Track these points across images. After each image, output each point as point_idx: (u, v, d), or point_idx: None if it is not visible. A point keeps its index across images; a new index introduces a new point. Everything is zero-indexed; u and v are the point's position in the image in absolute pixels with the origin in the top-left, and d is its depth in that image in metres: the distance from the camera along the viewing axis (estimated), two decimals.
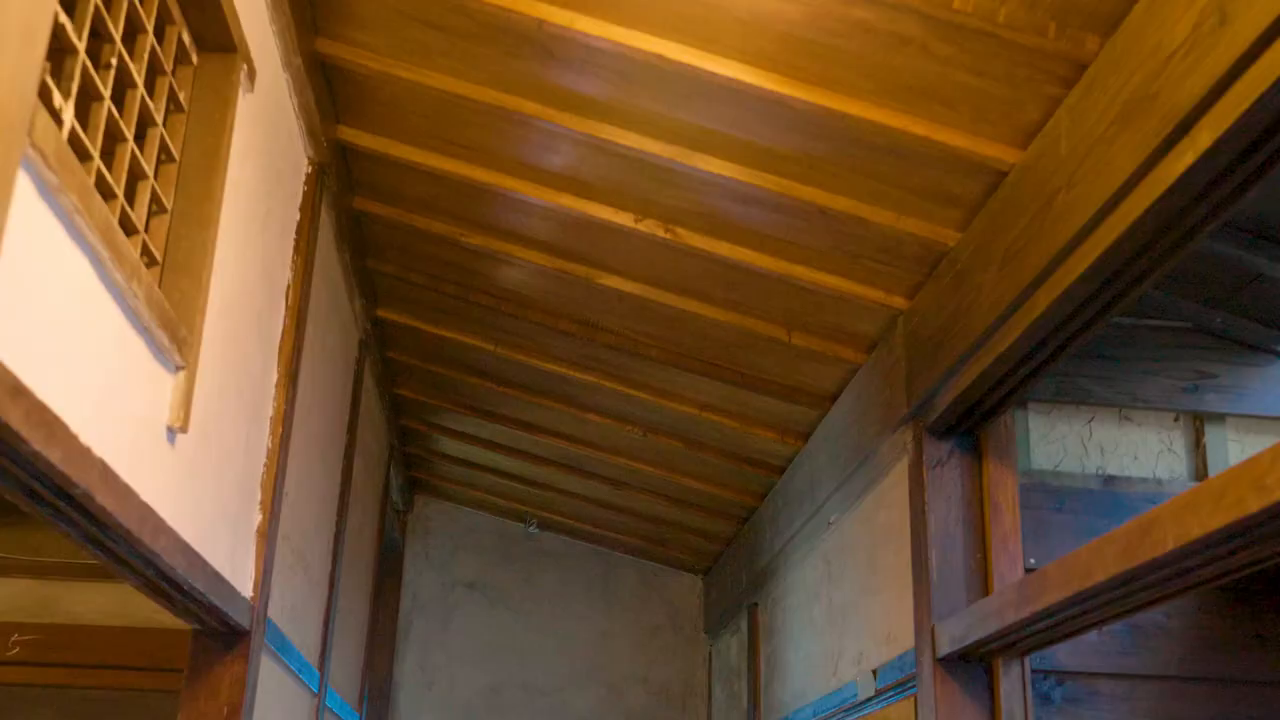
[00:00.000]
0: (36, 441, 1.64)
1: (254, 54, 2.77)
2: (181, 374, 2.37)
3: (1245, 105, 1.91)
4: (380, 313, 4.86)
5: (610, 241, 3.79)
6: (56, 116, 1.84)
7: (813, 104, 2.83)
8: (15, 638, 4.23)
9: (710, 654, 6.92)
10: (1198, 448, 3.46)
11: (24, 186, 1.61)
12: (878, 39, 2.62)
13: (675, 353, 4.38)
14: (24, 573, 4.45)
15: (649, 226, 3.60)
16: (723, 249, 3.59)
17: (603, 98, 3.13)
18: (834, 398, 4.26)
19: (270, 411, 3.27)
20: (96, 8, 2.01)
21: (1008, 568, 3.17)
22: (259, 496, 3.17)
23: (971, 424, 3.32)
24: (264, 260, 3.08)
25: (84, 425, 1.84)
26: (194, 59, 2.60)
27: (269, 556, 3.22)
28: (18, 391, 1.57)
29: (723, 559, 6.49)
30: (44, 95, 1.76)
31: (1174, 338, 3.54)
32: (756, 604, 5.68)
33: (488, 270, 4.26)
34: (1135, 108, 2.22)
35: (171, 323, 2.26)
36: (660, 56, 2.84)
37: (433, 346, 5.07)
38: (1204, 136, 2.02)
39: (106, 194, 2.12)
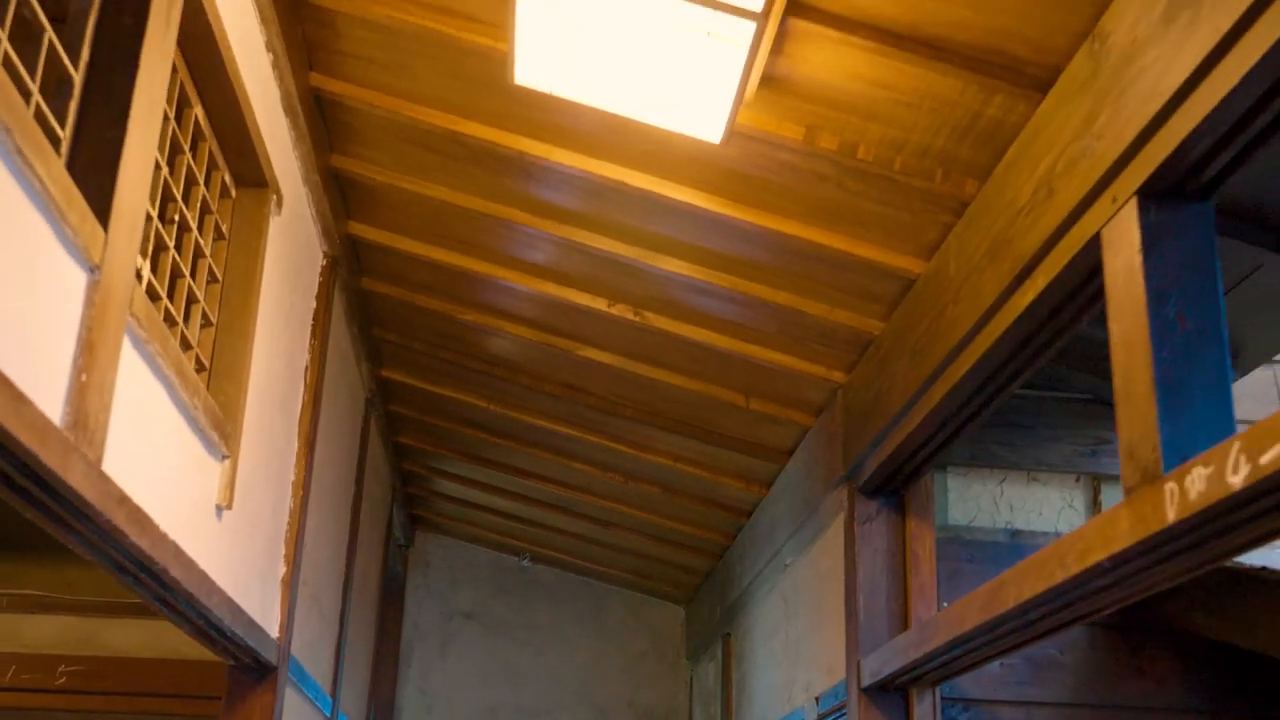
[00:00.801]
0: (133, 534, 2.17)
1: (280, 178, 3.31)
2: (227, 462, 2.91)
3: (1066, 259, 2.45)
4: (384, 373, 5.41)
5: (588, 321, 4.33)
6: (137, 273, 2.38)
7: (752, 223, 3.37)
8: (62, 669, 4.76)
9: (691, 679, 7.44)
10: (1095, 505, 3.99)
11: (125, 344, 2.15)
12: (801, 175, 3.16)
13: (650, 413, 4.92)
14: (67, 610, 4.98)
15: (620, 310, 4.14)
16: (685, 330, 4.12)
17: (576, 210, 3.68)
18: (790, 452, 4.79)
19: (292, 477, 3.81)
20: (166, 181, 2.56)
21: (924, 611, 3.69)
22: (283, 551, 3.71)
23: (896, 485, 3.86)
24: (288, 351, 3.62)
25: (162, 516, 2.37)
26: (233, 193, 3.14)
27: (292, 602, 3.75)
28: (123, 500, 2.10)
29: (701, 591, 7.01)
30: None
31: (1075, 408, 4.07)
32: (730, 634, 6.20)
33: (481, 341, 4.80)
34: (998, 247, 2.76)
35: (220, 423, 2.80)
36: (622, 183, 3.38)
37: (432, 402, 5.61)
38: (1040, 280, 2.56)
39: (170, 321, 2.66)
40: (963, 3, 2.45)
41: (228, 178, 3.08)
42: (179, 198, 2.65)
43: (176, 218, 2.66)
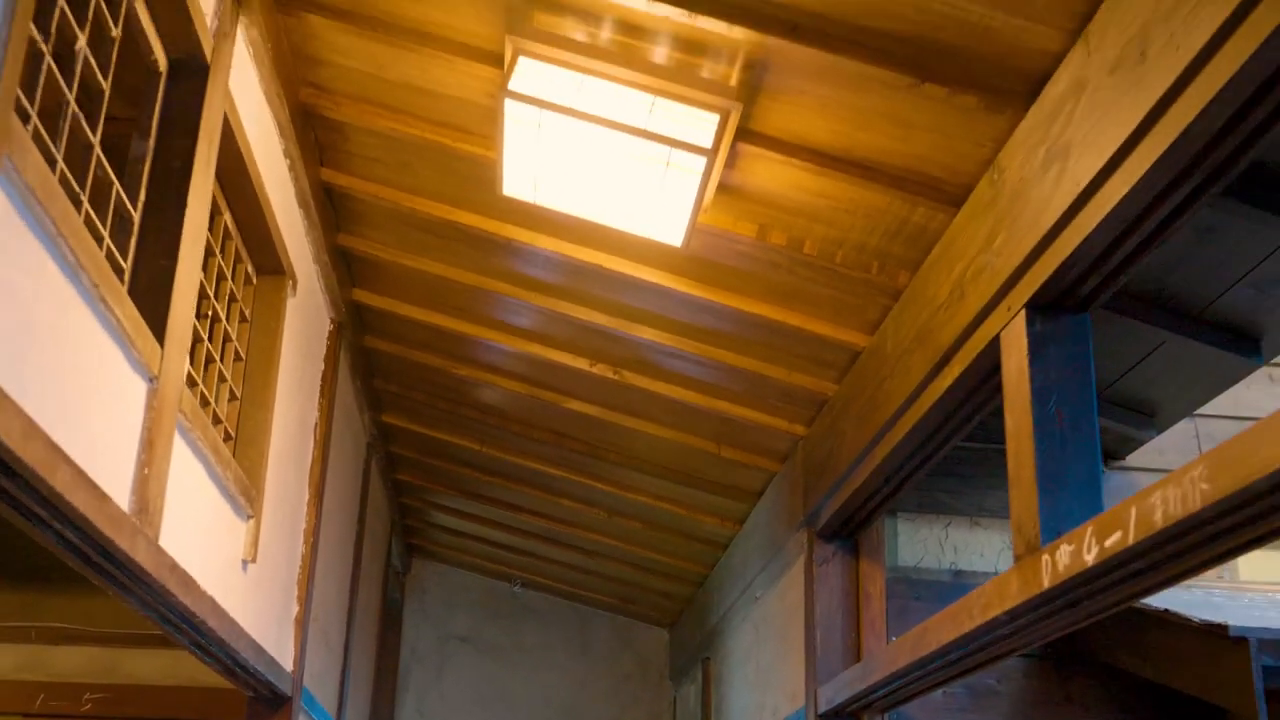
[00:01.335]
0: (180, 594, 2.58)
1: (295, 263, 3.72)
2: (251, 521, 3.32)
3: (974, 355, 2.87)
4: (385, 418, 5.82)
5: (572, 378, 4.74)
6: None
7: (717, 301, 3.79)
8: (88, 696, 5.16)
9: (674, 700, 7.84)
10: None
11: (175, 436, 2.56)
12: (757, 264, 3.58)
13: (630, 457, 5.33)
14: (91, 641, 5.38)
15: (601, 370, 4.55)
16: (661, 388, 4.54)
17: (559, 284, 4.09)
18: (760, 493, 5.20)
19: (304, 525, 4.21)
20: (201, 282, 2.97)
21: (875, 644, 4.11)
22: (296, 593, 4.11)
23: (851, 530, 4.27)
24: (300, 413, 4.03)
25: (201, 575, 2.78)
26: (254, 281, 3.55)
27: (304, 638, 4.15)
28: (174, 567, 2.51)
29: (684, 616, 7.42)
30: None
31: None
32: (709, 658, 6.60)
33: (474, 392, 5.22)
34: (923, 334, 3.18)
35: (246, 488, 3.21)
36: (599, 266, 3.79)
37: (429, 445, 6.02)
38: (955, 368, 2.98)
39: (204, 401, 3.07)
40: (886, 134, 2.88)
41: (250, 269, 3.49)
42: (212, 295, 3.06)
43: (209, 312, 3.07)
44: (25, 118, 1.92)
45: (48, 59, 1.96)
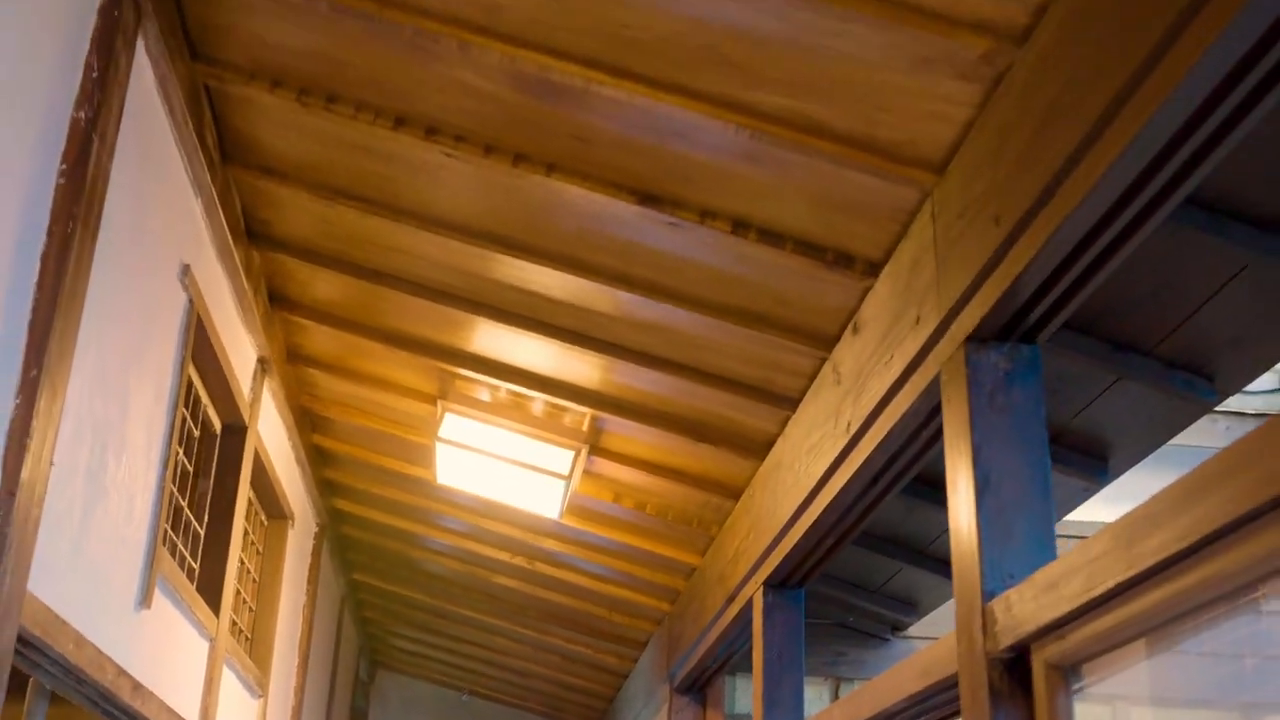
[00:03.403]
0: None
1: (293, 505, 5.24)
2: (261, 699, 4.83)
3: (738, 609, 4.41)
4: (356, 576, 7.34)
5: (497, 563, 6.28)
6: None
7: (593, 531, 5.34)
8: None
9: None
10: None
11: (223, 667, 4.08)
12: (615, 516, 5.13)
13: (547, 615, 6.86)
14: None
15: (519, 561, 6.09)
16: (564, 576, 6.07)
17: (482, 510, 5.64)
18: (645, 644, 6.73)
19: (294, 683, 5.71)
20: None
21: None
22: None
23: (700, 685, 5.80)
24: (294, 603, 5.54)
25: None
26: (265, 523, 5.08)
27: None
28: None
29: (605, 716, 8.92)
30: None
31: (824, 631, 6.02)
32: None
33: (424, 565, 6.75)
34: (722, 577, 4.72)
35: (260, 680, 4.72)
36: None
37: (391, 596, 7.54)
38: (731, 611, 4.52)
39: (233, 624, 4.58)
40: (684, 459, 4.44)
41: (262, 516, 5.02)
42: (241, 549, 4.59)
43: (240, 560, 4.59)
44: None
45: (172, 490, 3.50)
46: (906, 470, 3.16)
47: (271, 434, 4.64)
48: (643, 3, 2.47)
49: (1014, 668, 2.16)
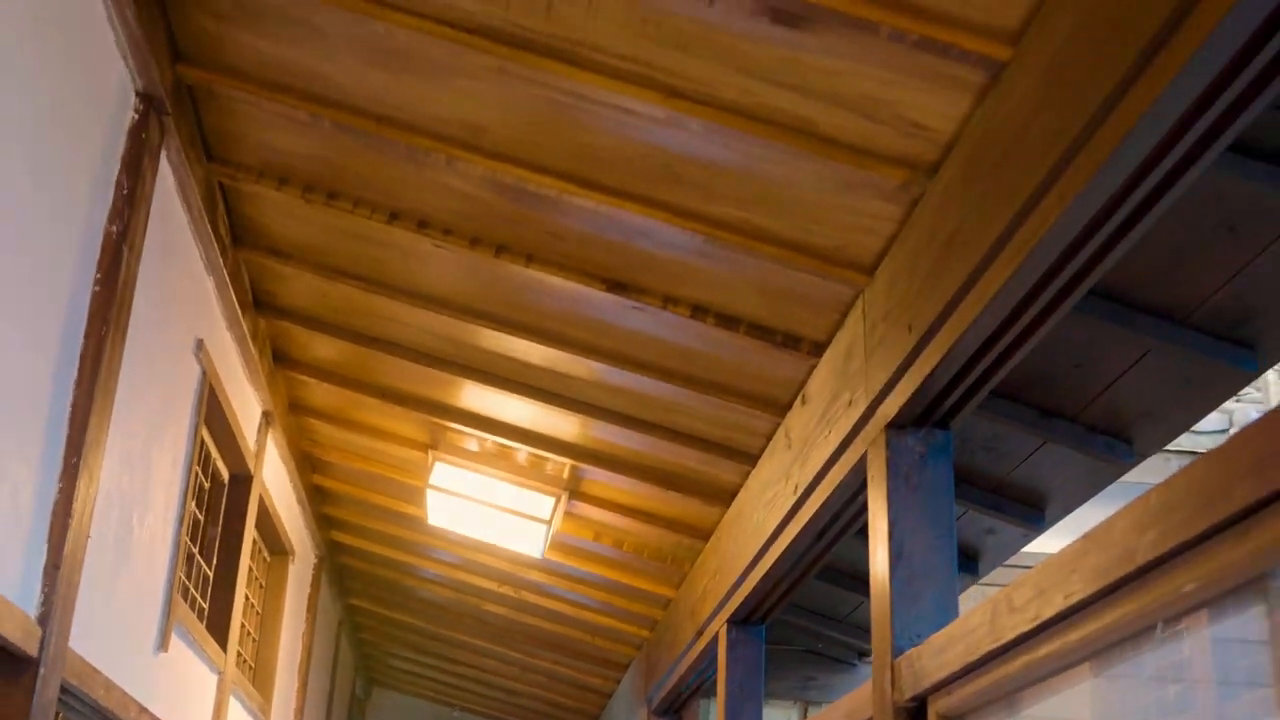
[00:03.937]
0: None
1: (294, 541, 5.58)
2: None
3: (702, 646, 4.76)
4: (353, 601, 7.68)
5: (487, 592, 6.63)
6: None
7: (574, 566, 5.69)
8: None
9: None
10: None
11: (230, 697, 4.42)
12: (596, 553, 5.48)
13: (533, 639, 7.21)
14: None
15: (505, 590, 6.44)
16: (549, 604, 6.42)
17: (473, 546, 5.99)
18: (627, 666, 7.08)
19: (294, 705, 6.05)
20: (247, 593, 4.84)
21: None
22: None
23: (676, 708, 6.15)
24: (294, 631, 5.89)
25: None
26: (267, 559, 5.43)
27: None
28: None
29: None
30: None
31: (795, 656, 6.37)
32: None
33: (418, 593, 7.09)
34: (692, 612, 5.07)
35: (263, 707, 5.06)
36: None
37: (386, 621, 7.89)
38: (700, 645, 4.87)
39: (239, 658, 4.93)
40: (656, 504, 4.79)
41: (265, 553, 5.36)
42: (246, 585, 4.93)
43: (245, 595, 4.93)
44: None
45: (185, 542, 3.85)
46: (847, 528, 3.51)
47: (274, 478, 4.99)
48: (608, 129, 2.82)
49: (916, 716, 2.52)
